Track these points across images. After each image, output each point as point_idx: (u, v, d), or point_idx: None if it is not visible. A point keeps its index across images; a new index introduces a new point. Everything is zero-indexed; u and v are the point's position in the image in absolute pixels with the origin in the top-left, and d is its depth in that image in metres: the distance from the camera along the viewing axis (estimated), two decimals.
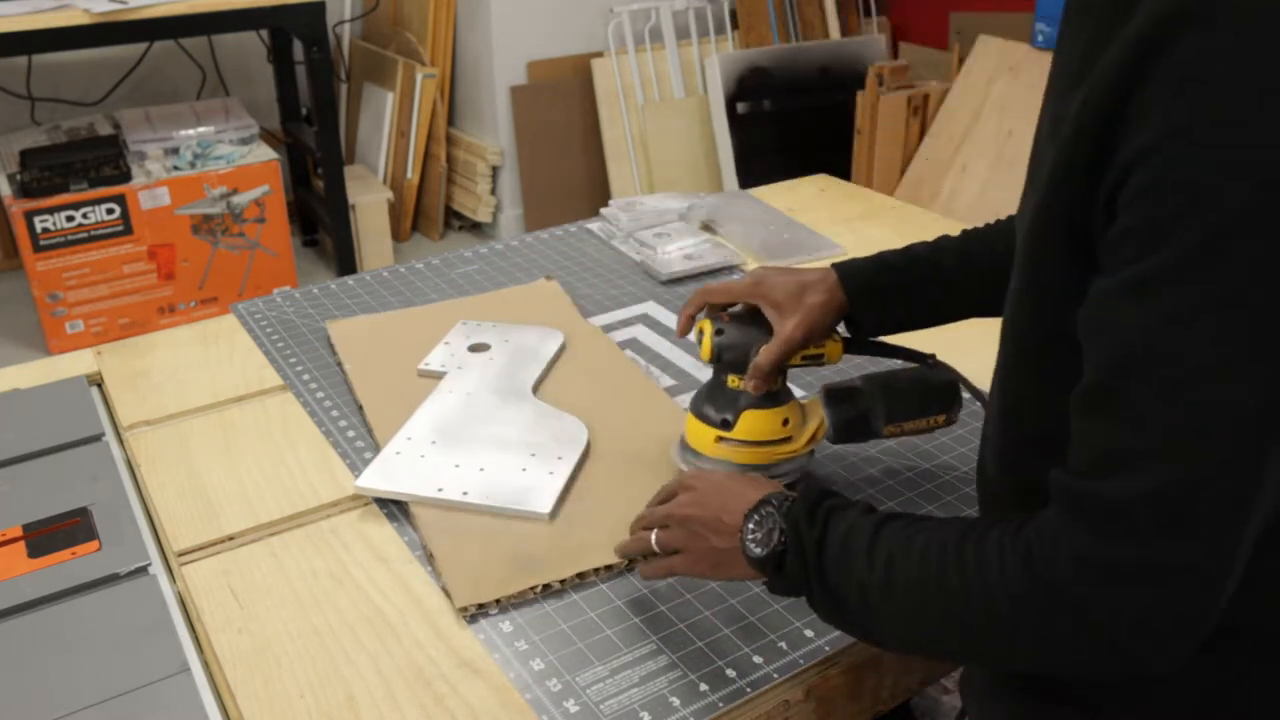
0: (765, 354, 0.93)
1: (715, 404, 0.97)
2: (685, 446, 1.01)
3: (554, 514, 0.99)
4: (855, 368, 1.21)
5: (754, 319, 0.96)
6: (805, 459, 1.00)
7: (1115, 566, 0.58)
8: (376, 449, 1.10)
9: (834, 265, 0.98)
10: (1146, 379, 0.56)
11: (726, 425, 0.96)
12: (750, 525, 0.77)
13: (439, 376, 1.22)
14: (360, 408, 1.17)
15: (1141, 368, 0.56)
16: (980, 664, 0.78)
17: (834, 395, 0.99)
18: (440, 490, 1.01)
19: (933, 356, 1.02)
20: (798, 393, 1.02)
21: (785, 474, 0.98)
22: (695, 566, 0.83)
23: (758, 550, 0.76)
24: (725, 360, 0.95)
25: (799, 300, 0.94)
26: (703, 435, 0.97)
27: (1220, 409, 0.55)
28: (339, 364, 1.26)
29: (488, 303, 1.41)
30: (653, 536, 0.84)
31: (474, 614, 0.89)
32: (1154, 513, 0.56)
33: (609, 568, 0.94)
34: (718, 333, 0.95)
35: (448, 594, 0.91)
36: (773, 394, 0.96)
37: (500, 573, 0.93)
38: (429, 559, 0.95)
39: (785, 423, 0.96)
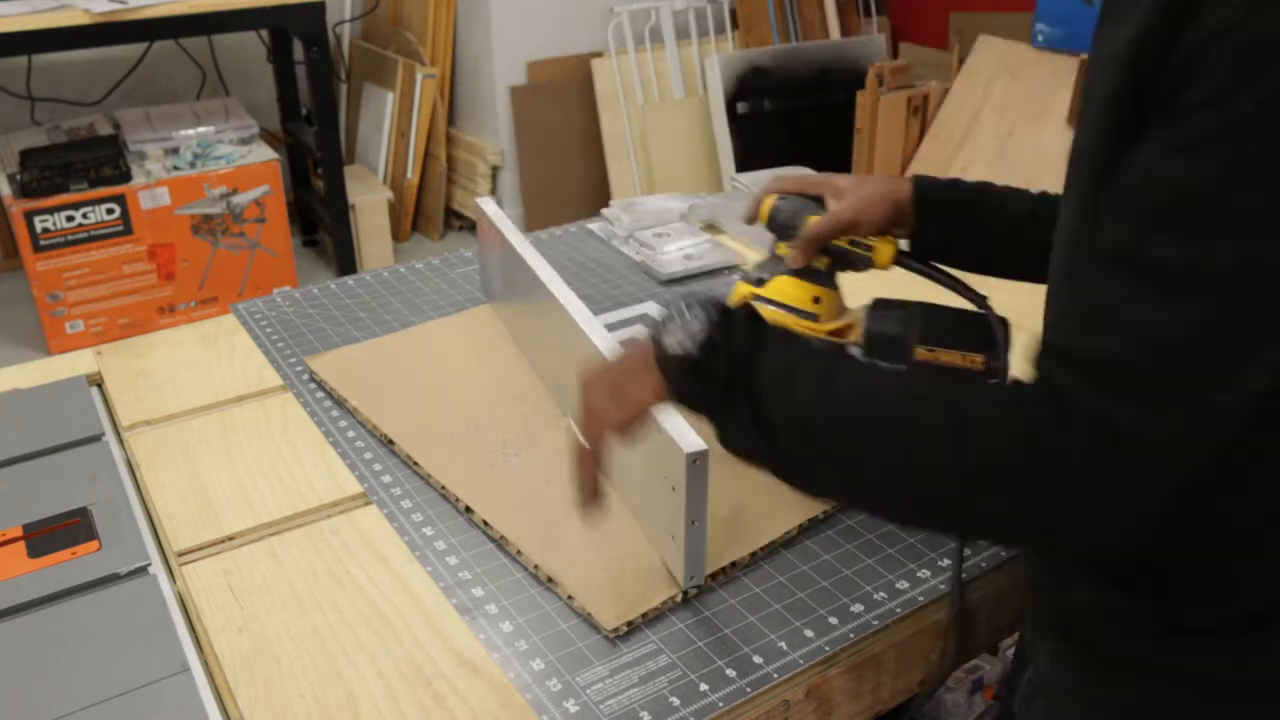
0: (812, 225, 0.96)
1: (760, 267, 1.03)
2: None
3: None
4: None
5: (815, 198, 1.01)
6: None
7: (1115, 425, 0.57)
8: (420, 480, 1.06)
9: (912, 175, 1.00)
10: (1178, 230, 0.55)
11: (760, 283, 1.02)
12: (671, 326, 0.71)
13: None
14: (390, 441, 1.11)
15: (1178, 217, 0.55)
16: (918, 509, 0.68)
17: (877, 306, 0.99)
18: None
19: (986, 299, 0.97)
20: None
21: None
22: (596, 399, 0.75)
23: (675, 347, 0.69)
24: (777, 224, 1.01)
25: (859, 186, 0.97)
26: (739, 291, 1.03)
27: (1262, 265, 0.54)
28: (338, 402, 1.20)
29: (459, 322, 1.37)
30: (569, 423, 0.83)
31: (625, 632, 0.88)
32: (1172, 361, 0.56)
33: (734, 564, 0.94)
34: (780, 196, 1.01)
35: (586, 619, 0.88)
36: (814, 270, 1.00)
37: (635, 584, 0.91)
38: (547, 582, 0.93)
39: (816, 300, 1.00)
